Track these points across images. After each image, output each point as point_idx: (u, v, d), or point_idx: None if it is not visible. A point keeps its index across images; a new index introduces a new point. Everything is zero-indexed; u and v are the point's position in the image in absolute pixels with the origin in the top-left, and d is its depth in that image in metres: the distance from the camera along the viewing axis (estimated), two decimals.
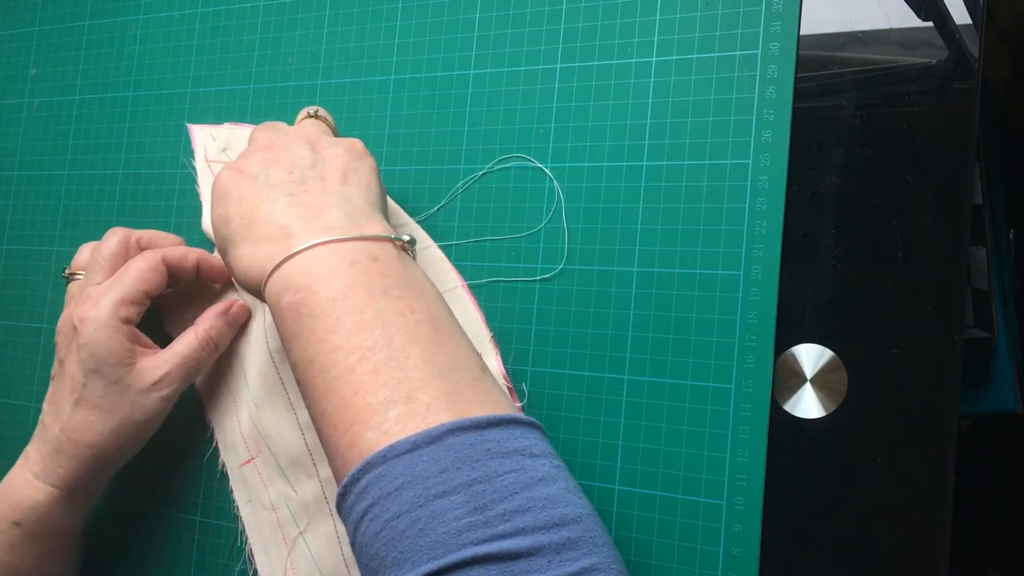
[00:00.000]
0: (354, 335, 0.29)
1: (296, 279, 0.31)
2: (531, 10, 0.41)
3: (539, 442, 0.29)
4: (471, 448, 0.27)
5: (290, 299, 0.31)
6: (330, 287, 0.30)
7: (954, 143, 0.34)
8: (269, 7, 0.48)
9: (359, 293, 0.30)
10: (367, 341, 0.29)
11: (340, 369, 0.29)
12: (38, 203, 0.53)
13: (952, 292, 0.34)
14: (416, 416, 0.27)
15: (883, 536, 0.33)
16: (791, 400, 0.35)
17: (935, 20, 0.36)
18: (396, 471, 0.26)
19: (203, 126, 0.48)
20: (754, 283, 0.35)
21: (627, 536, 0.36)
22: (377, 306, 0.30)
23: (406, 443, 0.27)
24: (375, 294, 0.30)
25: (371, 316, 0.30)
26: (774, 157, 0.36)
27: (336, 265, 0.31)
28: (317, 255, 0.31)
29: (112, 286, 0.40)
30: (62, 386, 0.40)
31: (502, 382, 0.38)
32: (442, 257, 0.41)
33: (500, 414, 0.28)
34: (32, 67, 0.55)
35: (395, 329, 0.30)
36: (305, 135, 0.38)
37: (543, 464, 0.28)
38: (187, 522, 0.45)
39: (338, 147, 0.37)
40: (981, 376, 0.56)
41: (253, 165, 0.36)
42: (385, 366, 0.29)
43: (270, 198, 0.34)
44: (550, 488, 0.27)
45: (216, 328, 0.42)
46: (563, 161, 0.39)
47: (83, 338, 0.39)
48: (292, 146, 0.37)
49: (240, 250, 0.34)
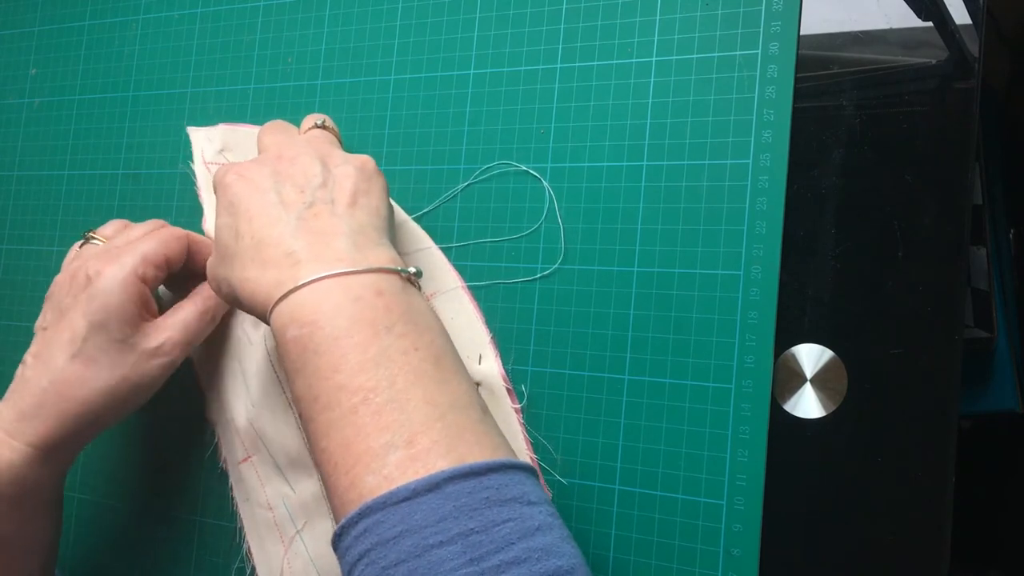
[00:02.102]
0: (357, 375, 0.29)
1: (302, 313, 0.31)
2: (531, 10, 0.41)
3: (535, 488, 0.29)
4: (470, 496, 0.27)
5: (295, 333, 0.31)
6: (335, 323, 0.30)
7: (954, 143, 0.34)
8: (269, 7, 0.48)
9: (363, 330, 0.30)
10: (370, 381, 0.29)
11: (343, 409, 0.29)
12: (38, 203, 0.53)
13: (952, 292, 0.34)
14: (416, 461, 0.28)
15: (883, 536, 0.33)
16: (791, 400, 0.35)
17: (935, 20, 0.36)
18: (395, 518, 0.26)
19: (200, 129, 0.48)
20: (754, 283, 0.35)
21: (627, 536, 0.36)
22: (381, 344, 0.30)
23: (405, 490, 0.27)
24: (379, 331, 0.30)
25: (374, 354, 0.30)
26: (774, 157, 0.36)
27: (341, 300, 0.31)
28: (323, 288, 0.31)
29: (137, 244, 0.40)
30: (57, 338, 0.38)
31: (501, 384, 0.39)
32: (442, 258, 0.41)
33: (499, 459, 0.28)
34: (32, 67, 0.55)
35: (398, 368, 0.30)
36: (316, 147, 0.37)
37: (539, 512, 0.28)
38: (187, 522, 0.45)
39: (349, 165, 0.36)
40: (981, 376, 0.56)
41: (264, 177, 0.35)
42: (387, 408, 0.29)
43: (281, 219, 0.33)
44: (546, 538, 0.27)
45: (213, 298, 0.42)
46: (563, 161, 0.39)
47: (96, 288, 0.38)
48: (303, 159, 0.36)
49: (248, 272, 0.33)
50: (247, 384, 0.43)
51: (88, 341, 0.38)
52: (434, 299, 0.40)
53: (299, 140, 0.38)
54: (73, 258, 0.42)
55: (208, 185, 0.47)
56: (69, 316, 0.39)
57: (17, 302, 0.52)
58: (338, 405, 0.29)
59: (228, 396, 0.44)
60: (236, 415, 0.43)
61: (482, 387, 0.39)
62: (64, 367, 0.38)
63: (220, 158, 0.47)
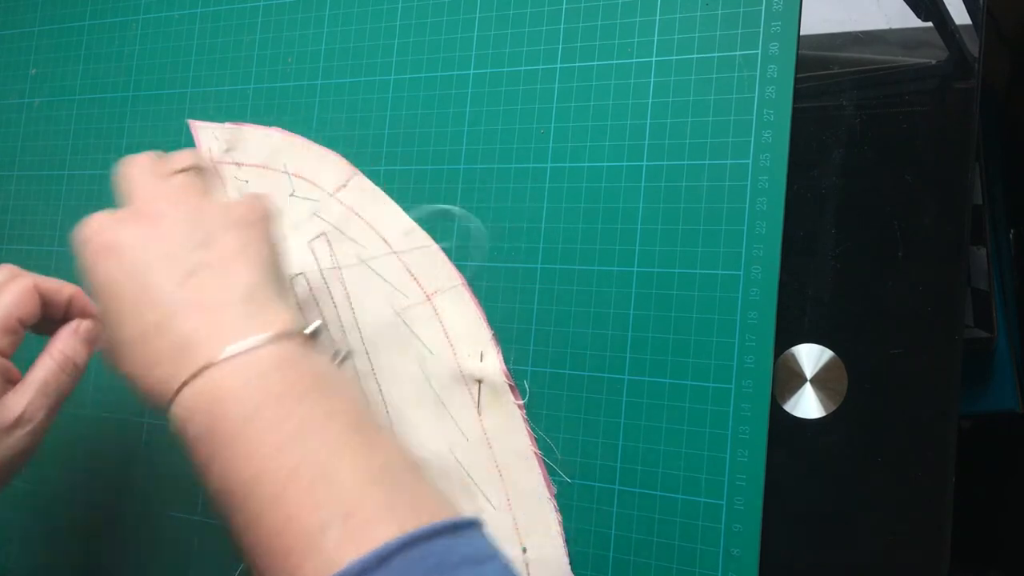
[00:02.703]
0: (275, 457, 0.27)
1: (202, 403, 0.28)
2: (531, 10, 0.41)
3: (483, 543, 0.27)
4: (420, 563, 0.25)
5: (198, 427, 0.28)
6: (241, 406, 0.27)
7: (954, 143, 0.34)
8: (269, 7, 0.48)
9: (274, 407, 0.27)
10: (292, 459, 0.26)
11: (265, 497, 0.26)
12: (38, 203, 0.53)
13: (952, 292, 0.34)
14: (357, 534, 0.25)
15: (883, 536, 0.33)
16: (791, 400, 0.35)
17: (935, 20, 0.36)
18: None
19: (206, 124, 0.48)
20: (754, 283, 0.35)
21: (627, 536, 0.36)
22: (297, 417, 0.27)
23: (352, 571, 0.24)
24: (292, 404, 0.28)
25: (291, 430, 0.27)
26: (774, 157, 0.36)
27: (244, 379, 0.28)
28: (221, 370, 0.28)
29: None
30: None
31: (503, 381, 0.39)
32: (442, 256, 0.41)
33: (443, 521, 0.26)
34: (32, 67, 0.55)
35: (320, 440, 0.27)
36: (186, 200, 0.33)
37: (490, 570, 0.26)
38: (187, 522, 0.45)
39: (227, 218, 0.33)
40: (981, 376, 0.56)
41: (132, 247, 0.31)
42: (316, 484, 0.26)
43: (159, 301, 0.30)
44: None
45: (72, 347, 0.38)
46: (563, 161, 0.39)
47: None
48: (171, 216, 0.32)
49: (135, 367, 0.30)
50: None
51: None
52: (435, 298, 0.40)
53: (165, 190, 0.34)
54: None
55: (216, 184, 0.47)
56: None
57: None
58: (258, 495, 0.26)
59: None
60: None
61: (484, 384, 0.39)
62: None
63: (227, 157, 0.47)
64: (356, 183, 0.43)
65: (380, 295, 0.41)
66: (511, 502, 0.38)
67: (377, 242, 0.42)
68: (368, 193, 0.43)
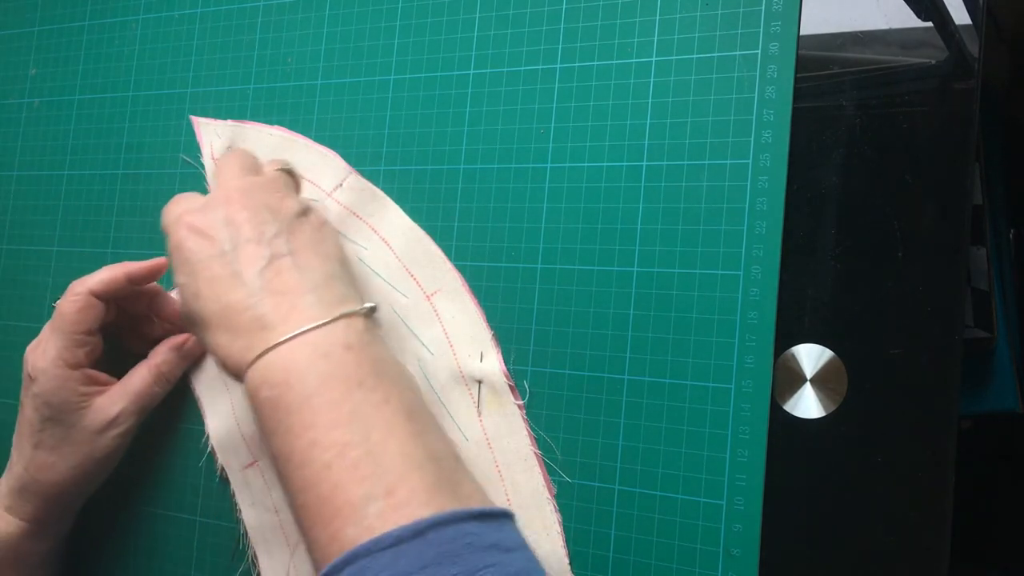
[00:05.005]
0: (331, 431, 0.30)
1: (273, 374, 0.31)
2: (531, 10, 0.41)
3: (512, 534, 0.30)
4: (452, 543, 0.27)
5: (268, 394, 0.31)
6: (305, 382, 0.31)
7: (954, 143, 0.34)
8: (269, 7, 0.48)
9: (335, 387, 0.31)
10: (344, 436, 0.30)
11: (317, 465, 0.29)
12: (38, 203, 0.53)
13: (952, 292, 0.34)
14: (396, 511, 0.28)
15: (883, 536, 0.33)
16: (791, 400, 0.35)
17: (935, 20, 0.36)
18: (379, 564, 0.27)
19: (207, 120, 0.48)
20: (754, 283, 0.35)
21: (627, 536, 0.36)
22: (353, 400, 0.31)
23: (389, 538, 0.27)
24: (351, 387, 0.31)
25: (347, 411, 0.30)
26: (774, 157, 0.36)
27: (311, 358, 0.31)
28: (292, 348, 0.32)
29: (52, 332, 0.40)
30: (22, 428, 0.41)
31: (503, 381, 0.39)
32: (442, 257, 0.41)
33: (478, 507, 0.29)
34: (32, 67, 0.55)
35: (372, 423, 0.30)
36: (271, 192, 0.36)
37: (517, 558, 0.28)
38: (187, 522, 0.45)
39: (304, 215, 0.36)
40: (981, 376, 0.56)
41: (217, 229, 0.35)
42: (363, 461, 0.29)
43: (242, 282, 0.33)
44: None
45: (169, 363, 0.43)
46: (563, 161, 0.39)
47: (37, 387, 0.40)
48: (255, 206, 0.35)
49: (217, 336, 0.33)
50: None
51: (44, 432, 0.40)
52: (435, 297, 0.40)
53: (255, 183, 0.37)
54: None
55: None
56: (25, 410, 0.41)
57: (17, 302, 0.52)
58: (312, 462, 0.30)
59: (228, 402, 0.44)
60: (241, 420, 0.43)
61: (484, 384, 0.39)
62: (32, 456, 0.40)
63: None
64: (351, 183, 0.43)
65: (379, 295, 0.41)
66: (511, 502, 0.38)
67: (376, 242, 0.42)
68: (366, 193, 0.43)
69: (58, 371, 0.39)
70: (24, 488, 0.41)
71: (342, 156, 0.44)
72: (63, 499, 0.41)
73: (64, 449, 0.40)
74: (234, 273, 0.33)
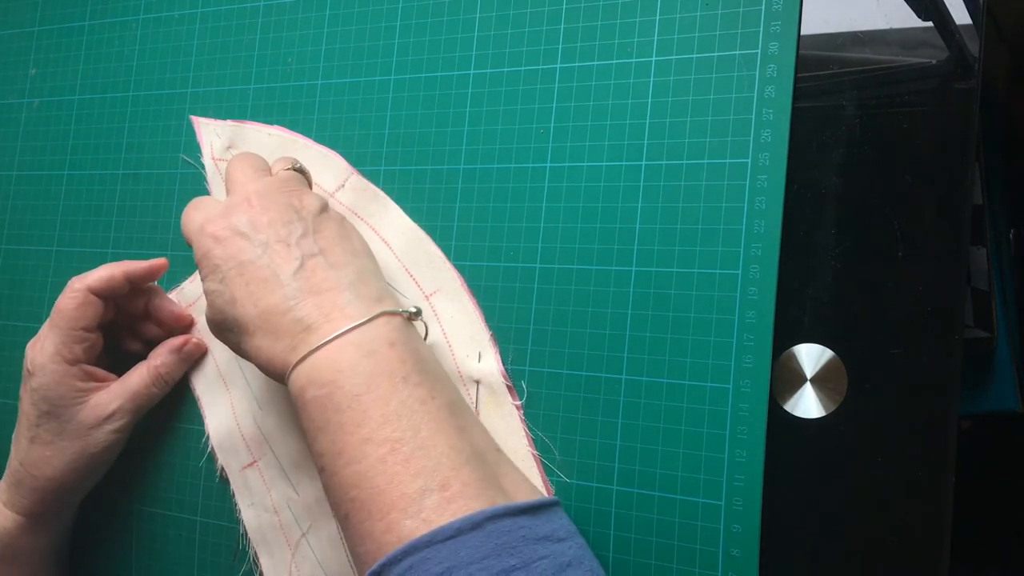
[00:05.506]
0: (382, 427, 0.31)
1: (319, 374, 0.32)
2: (531, 10, 0.41)
3: (564, 523, 0.31)
4: (509, 534, 0.28)
5: (315, 394, 0.32)
6: (353, 381, 0.31)
7: (954, 143, 0.34)
8: (269, 7, 0.48)
9: (382, 384, 0.31)
10: (395, 432, 0.30)
11: (371, 460, 0.30)
12: (38, 203, 0.53)
13: (952, 292, 0.34)
14: (452, 503, 0.29)
15: (883, 536, 0.33)
16: (791, 400, 0.35)
17: (935, 20, 0.36)
18: (440, 555, 0.28)
19: (208, 120, 0.48)
20: (752, 282, 0.35)
21: (626, 536, 0.36)
22: (400, 396, 0.31)
23: (449, 529, 0.28)
24: (397, 383, 0.32)
25: (396, 407, 0.31)
26: (773, 156, 0.36)
27: (357, 357, 0.32)
28: (337, 347, 0.32)
29: (51, 328, 0.41)
30: (20, 423, 0.41)
31: (501, 381, 0.39)
32: (441, 257, 0.41)
33: (530, 500, 0.30)
34: (32, 67, 0.55)
35: (420, 418, 0.31)
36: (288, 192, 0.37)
37: (569, 548, 0.30)
38: (187, 522, 0.45)
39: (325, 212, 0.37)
40: (981, 376, 0.56)
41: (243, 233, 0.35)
42: (415, 456, 0.30)
43: (279, 284, 0.33)
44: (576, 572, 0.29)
45: (168, 365, 0.43)
46: (563, 161, 0.39)
47: (35, 382, 0.40)
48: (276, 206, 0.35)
49: (258, 340, 0.34)
50: (251, 387, 0.43)
51: (40, 426, 0.40)
52: (434, 298, 0.40)
53: (271, 184, 0.37)
54: None
55: (216, 180, 0.47)
56: (23, 404, 0.41)
57: (17, 302, 0.52)
58: (365, 457, 0.30)
59: (227, 402, 0.44)
60: (241, 420, 0.43)
61: (482, 384, 0.39)
62: (28, 450, 0.41)
63: (228, 155, 0.47)
64: (353, 183, 0.43)
65: None
66: None
67: (376, 242, 0.42)
68: (367, 193, 0.43)
69: (55, 366, 0.40)
70: (20, 482, 0.41)
71: (342, 156, 0.44)
72: (59, 494, 0.42)
73: (59, 444, 0.40)
74: (269, 276, 0.34)
